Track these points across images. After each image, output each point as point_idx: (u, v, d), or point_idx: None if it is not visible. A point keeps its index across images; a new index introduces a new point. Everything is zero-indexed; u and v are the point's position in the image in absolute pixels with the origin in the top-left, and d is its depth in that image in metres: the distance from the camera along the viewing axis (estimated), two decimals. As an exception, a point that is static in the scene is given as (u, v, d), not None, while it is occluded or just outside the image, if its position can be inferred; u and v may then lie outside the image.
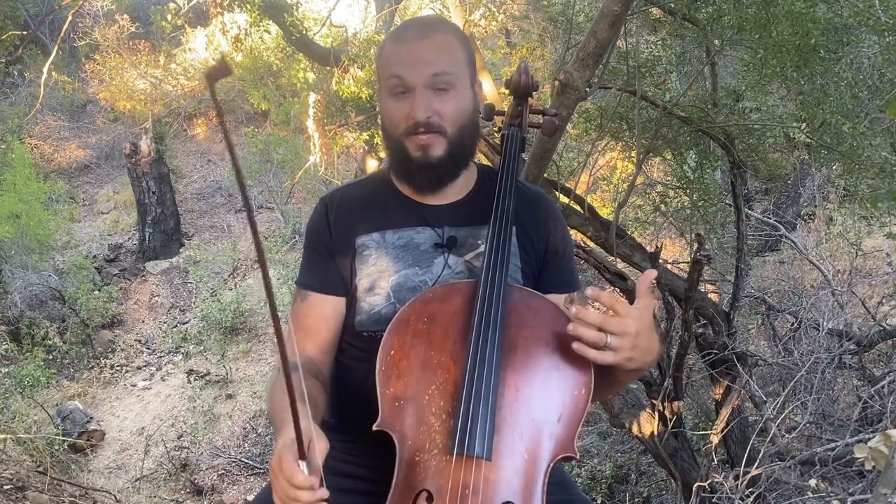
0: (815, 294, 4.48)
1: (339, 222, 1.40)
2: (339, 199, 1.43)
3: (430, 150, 1.31)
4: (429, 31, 1.33)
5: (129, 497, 5.60)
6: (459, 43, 1.34)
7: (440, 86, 1.29)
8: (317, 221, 1.42)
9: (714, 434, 3.26)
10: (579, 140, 4.69)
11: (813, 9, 2.66)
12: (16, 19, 9.84)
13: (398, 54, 1.32)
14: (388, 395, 1.19)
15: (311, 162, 7.05)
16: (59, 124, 11.30)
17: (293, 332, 1.40)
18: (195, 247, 9.23)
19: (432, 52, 1.30)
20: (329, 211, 1.42)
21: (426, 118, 1.28)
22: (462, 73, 1.33)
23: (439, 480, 1.12)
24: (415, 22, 1.45)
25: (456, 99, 1.31)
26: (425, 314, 1.24)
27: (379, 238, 1.38)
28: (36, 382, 6.53)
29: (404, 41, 1.33)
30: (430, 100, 1.29)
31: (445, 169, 1.34)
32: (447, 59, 1.31)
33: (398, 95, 1.31)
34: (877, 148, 2.90)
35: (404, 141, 1.32)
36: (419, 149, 1.31)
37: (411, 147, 1.32)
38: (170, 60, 11.43)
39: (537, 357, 1.22)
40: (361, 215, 1.40)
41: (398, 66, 1.30)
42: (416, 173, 1.34)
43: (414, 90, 1.29)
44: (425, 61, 1.29)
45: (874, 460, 1.38)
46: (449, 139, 1.31)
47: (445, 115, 1.30)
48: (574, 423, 1.18)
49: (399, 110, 1.30)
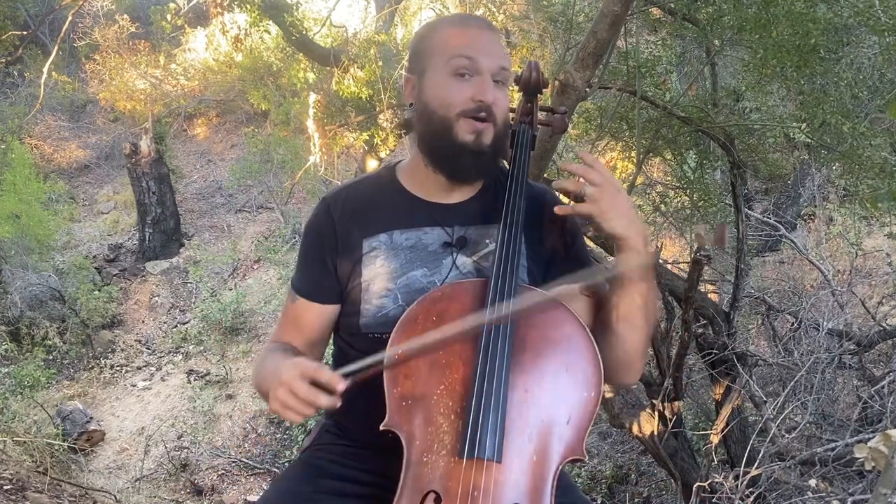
0: (815, 294, 4.48)
1: (344, 222, 1.38)
2: (344, 199, 1.41)
3: (483, 136, 1.30)
4: (490, 26, 1.37)
5: (129, 497, 5.60)
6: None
7: (500, 79, 1.31)
8: (319, 221, 1.40)
9: (714, 434, 3.26)
10: (579, 140, 4.68)
11: (813, 9, 2.67)
12: (16, 19, 9.85)
13: (468, 38, 1.32)
14: (395, 394, 1.18)
15: (311, 162, 7.04)
16: (59, 124, 11.30)
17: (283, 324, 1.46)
18: (195, 247, 9.22)
19: (498, 47, 1.33)
20: (333, 210, 1.39)
21: (492, 102, 1.29)
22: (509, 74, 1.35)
23: (447, 481, 1.12)
24: (470, 15, 1.48)
25: (507, 95, 1.34)
26: (434, 313, 1.23)
27: (387, 239, 1.36)
28: (36, 382, 6.52)
29: (471, 27, 1.34)
30: (495, 87, 1.30)
31: (490, 159, 1.33)
32: (507, 57, 1.34)
33: (462, 77, 1.30)
34: (877, 148, 2.90)
35: (455, 123, 1.29)
36: (473, 133, 1.29)
37: (463, 130, 1.29)
38: (170, 60, 11.43)
39: (547, 358, 1.21)
40: (369, 216, 1.38)
41: (469, 48, 1.30)
42: (463, 158, 1.31)
43: (482, 74, 1.29)
44: (495, 52, 1.31)
45: (874, 460, 1.38)
46: (496, 131, 1.31)
47: (500, 107, 1.31)
48: (583, 425, 1.18)
49: (460, 90, 1.29)
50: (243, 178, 9.57)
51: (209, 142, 11.42)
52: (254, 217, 9.88)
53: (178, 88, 11.39)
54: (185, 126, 11.50)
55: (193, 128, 11.55)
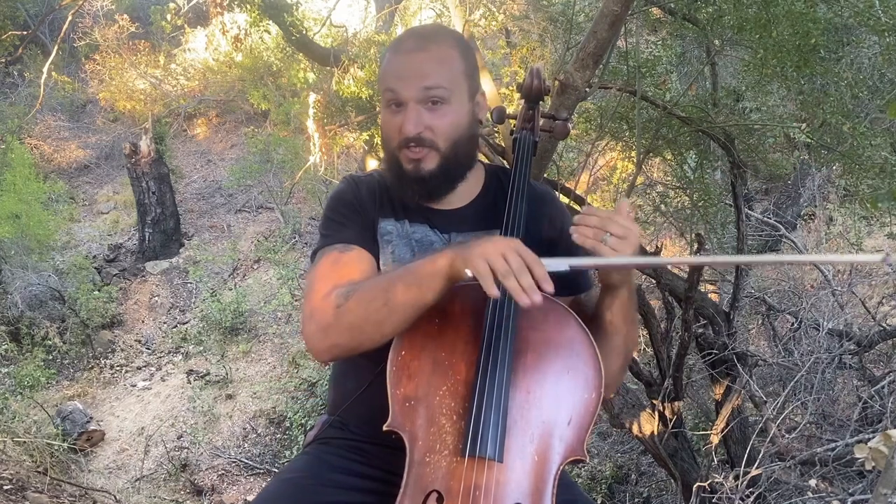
0: (815, 294, 4.48)
1: (367, 199, 1.39)
2: (367, 180, 1.43)
3: (422, 164, 1.30)
4: (426, 43, 1.31)
5: (129, 497, 5.60)
6: (459, 54, 1.32)
7: (433, 99, 1.28)
8: (349, 192, 1.40)
9: (714, 434, 3.26)
10: (579, 140, 4.68)
11: (813, 9, 2.66)
12: (16, 19, 9.85)
13: (394, 67, 1.31)
14: (398, 395, 1.19)
15: (311, 162, 7.04)
16: (59, 124, 11.29)
17: (332, 274, 1.28)
18: (195, 247, 9.22)
19: (427, 65, 1.28)
20: (359, 186, 1.41)
21: (417, 133, 1.28)
22: (458, 86, 1.31)
23: (449, 481, 1.13)
24: (415, 32, 1.44)
25: (450, 113, 1.30)
26: (437, 315, 1.23)
27: (399, 226, 1.38)
28: (36, 382, 6.52)
29: (400, 53, 1.32)
30: (420, 115, 1.27)
31: (437, 183, 1.33)
32: (442, 72, 1.29)
33: (392, 108, 1.30)
34: (877, 148, 2.89)
35: (398, 153, 1.32)
36: (410, 162, 1.31)
37: (404, 160, 1.31)
38: (170, 60, 11.43)
39: (548, 359, 1.22)
40: (384, 199, 1.40)
41: (392, 79, 1.30)
42: (409, 186, 1.33)
43: (406, 104, 1.28)
44: (419, 74, 1.27)
45: (874, 460, 1.38)
46: (442, 154, 1.30)
47: (438, 130, 1.29)
48: (584, 426, 1.19)
49: (392, 124, 1.30)
50: (243, 178, 9.57)
51: (209, 142, 11.41)
52: (254, 217, 9.88)
53: (178, 88, 11.38)
54: (184, 126, 11.49)
55: (193, 128, 11.54)
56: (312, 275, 1.31)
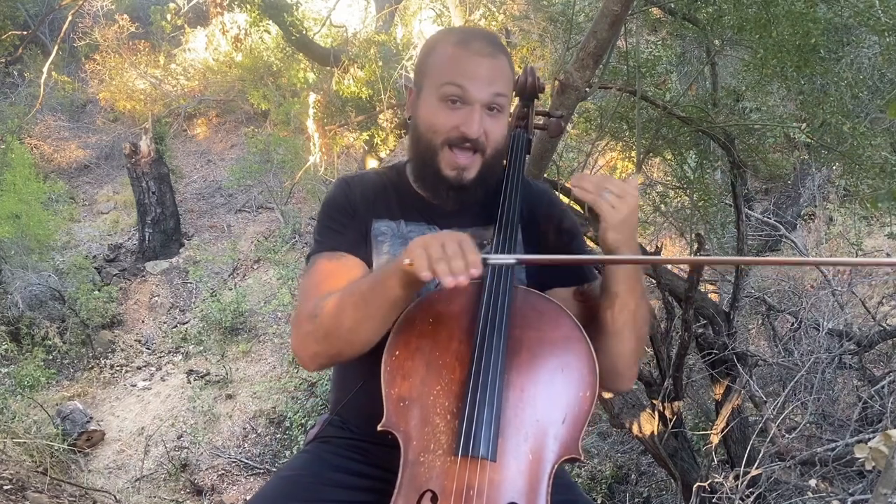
0: (815, 294, 4.47)
1: (360, 201, 1.39)
2: (361, 181, 1.43)
3: (466, 172, 1.31)
4: (496, 51, 1.32)
5: (129, 497, 5.60)
6: (511, 69, 1.36)
7: (495, 107, 1.29)
8: (342, 196, 1.40)
9: (714, 434, 3.27)
10: (579, 140, 4.68)
11: (813, 9, 2.66)
12: (16, 19, 9.86)
13: (464, 64, 1.30)
14: (393, 395, 1.19)
15: (311, 162, 7.04)
16: (59, 124, 11.29)
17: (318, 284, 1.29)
18: (195, 247, 9.22)
19: (497, 73, 1.30)
20: (353, 186, 1.41)
21: (478, 136, 1.28)
22: (510, 100, 1.34)
23: (444, 481, 1.13)
24: (480, 34, 1.42)
25: (503, 122, 1.32)
26: (430, 315, 1.24)
27: (394, 227, 1.38)
28: (36, 382, 6.52)
29: (472, 52, 1.31)
30: (484, 118, 1.28)
31: (474, 192, 1.34)
32: (506, 83, 1.32)
33: (451, 104, 1.29)
34: (877, 148, 2.90)
35: (440, 151, 1.31)
36: (454, 168, 1.31)
37: (446, 162, 1.31)
38: (170, 60, 11.43)
39: (542, 358, 1.22)
40: (379, 200, 1.40)
41: (462, 75, 1.28)
42: (441, 190, 1.34)
43: (472, 105, 1.28)
44: (490, 80, 1.29)
45: (874, 460, 1.38)
46: (485, 161, 1.32)
47: (492, 137, 1.30)
48: (579, 425, 1.19)
49: (447, 118, 1.29)
50: (243, 178, 9.57)
51: (209, 142, 11.41)
52: (254, 217, 9.88)
53: (178, 88, 11.38)
54: (185, 126, 11.49)
55: (193, 128, 11.54)
56: (301, 285, 1.34)
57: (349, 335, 1.22)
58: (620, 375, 1.31)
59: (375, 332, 1.23)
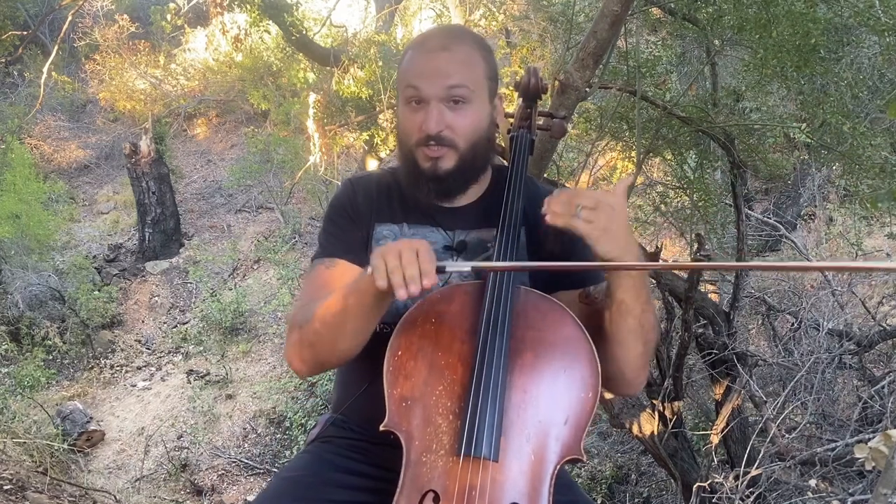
0: (815, 294, 4.47)
1: (362, 204, 1.41)
2: (365, 183, 1.44)
3: (440, 162, 1.31)
4: (451, 43, 1.32)
5: (129, 497, 5.60)
6: (482, 56, 1.33)
7: (455, 99, 1.29)
8: (346, 197, 1.42)
9: (714, 434, 3.26)
10: (579, 140, 4.68)
11: (813, 9, 2.66)
12: (16, 19, 9.85)
13: (417, 64, 1.31)
14: (395, 395, 1.20)
15: (311, 162, 7.05)
16: (59, 124, 11.29)
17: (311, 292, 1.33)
18: (195, 247, 9.22)
19: (451, 65, 1.29)
20: (357, 188, 1.43)
21: (438, 132, 1.29)
22: (480, 88, 1.32)
23: (445, 481, 1.13)
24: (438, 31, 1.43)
25: (470, 114, 1.31)
26: (433, 315, 1.24)
27: (397, 230, 1.39)
28: (36, 382, 6.52)
29: (424, 51, 1.33)
30: (443, 114, 1.28)
31: (453, 182, 1.34)
32: (466, 73, 1.30)
33: (413, 105, 1.30)
34: (877, 148, 2.90)
35: (415, 151, 1.32)
36: (428, 160, 1.31)
37: (421, 157, 1.32)
38: (170, 60, 11.43)
39: (545, 359, 1.22)
40: (382, 203, 1.41)
41: (415, 76, 1.30)
42: (424, 184, 1.34)
43: (429, 102, 1.29)
44: (443, 73, 1.28)
45: (874, 460, 1.38)
46: (460, 154, 1.31)
47: (458, 130, 1.30)
48: (581, 426, 1.19)
49: (413, 121, 1.31)
50: (243, 178, 9.57)
51: (209, 142, 11.41)
52: (254, 217, 9.88)
53: (178, 88, 11.38)
54: (185, 126, 11.49)
55: (193, 128, 11.54)
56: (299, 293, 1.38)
57: (331, 344, 1.24)
58: (629, 382, 1.31)
59: (356, 341, 1.24)
